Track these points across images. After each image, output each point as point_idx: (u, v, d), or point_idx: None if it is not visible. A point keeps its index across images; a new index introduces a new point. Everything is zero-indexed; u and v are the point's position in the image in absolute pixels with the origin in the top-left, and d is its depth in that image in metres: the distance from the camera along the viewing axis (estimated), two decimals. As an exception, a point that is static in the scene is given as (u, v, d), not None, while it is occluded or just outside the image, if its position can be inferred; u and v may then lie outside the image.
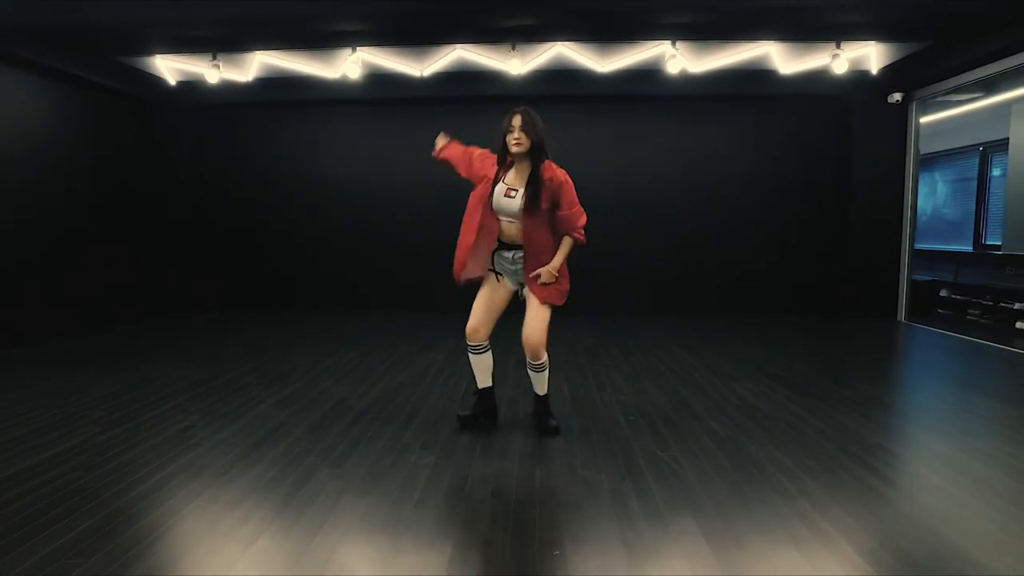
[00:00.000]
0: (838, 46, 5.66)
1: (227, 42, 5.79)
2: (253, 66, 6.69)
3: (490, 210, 3.18)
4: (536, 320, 3.20)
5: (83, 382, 4.36)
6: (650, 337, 6.14)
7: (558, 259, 3.20)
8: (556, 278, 3.20)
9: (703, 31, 5.37)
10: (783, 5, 4.68)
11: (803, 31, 5.41)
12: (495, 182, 3.20)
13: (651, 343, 5.85)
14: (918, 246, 7.58)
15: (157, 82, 7.01)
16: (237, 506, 2.48)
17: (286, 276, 7.91)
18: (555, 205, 3.16)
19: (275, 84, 7.11)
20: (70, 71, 5.99)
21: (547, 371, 3.34)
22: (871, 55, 6.16)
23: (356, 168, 7.70)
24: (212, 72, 6.23)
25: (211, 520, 2.36)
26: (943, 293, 7.99)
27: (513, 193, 3.16)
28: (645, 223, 7.45)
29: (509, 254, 3.26)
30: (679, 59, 5.84)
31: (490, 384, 3.44)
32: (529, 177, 3.14)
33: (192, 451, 3.06)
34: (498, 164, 3.23)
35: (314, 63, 6.68)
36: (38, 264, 6.03)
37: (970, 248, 8.28)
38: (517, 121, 3.11)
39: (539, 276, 3.19)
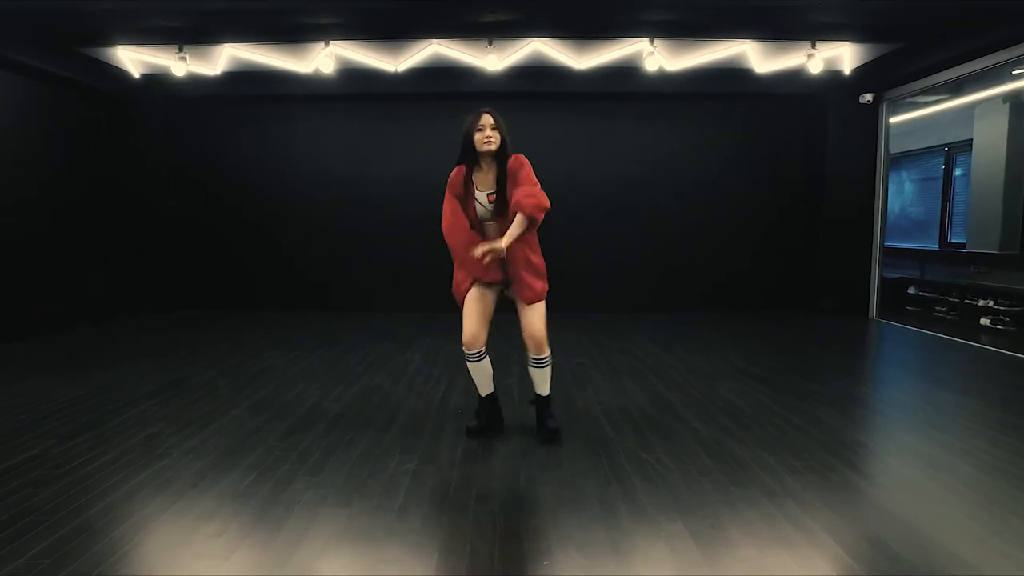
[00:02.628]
0: (813, 46, 5.72)
1: (194, 34, 5.58)
2: (222, 59, 6.49)
3: (476, 216, 3.13)
4: (535, 314, 3.15)
5: (46, 387, 4.15)
6: (626, 334, 6.13)
7: (506, 239, 2.94)
8: (502, 255, 2.97)
9: (681, 29, 5.37)
10: (760, 4, 4.70)
11: (780, 30, 5.44)
12: (468, 189, 3.11)
13: (628, 341, 5.83)
14: (887, 244, 7.73)
15: (120, 75, 6.75)
16: (210, 519, 2.36)
17: (259, 274, 7.71)
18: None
19: (245, 78, 6.91)
20: (26, 61, 5.72)
21: (551, 367, 3.27)
22: (844, 55, 6.24)
23: (330, 164, 7.55)
24: (178, 65, 6.02)
25: (183, 534, 2.25)
26: (911, 290, 8.17)
27: (494, 196, 3.12)
28: (619, 220, 7.45)
29: None
30: (657, 57, 5.83)
31: (492, 390, 3.33)
32: (498, 177, 3.08)
33: (160, 460, 2.93)
34: (466, 166, 3.10)
35: (286, 57, 6.51)
36: (1, 264, 5.79)
37: (936, 246, 8.48)
38: (487, 120, 3.03)
39: (524, 284, 3.11)
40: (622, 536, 2.24)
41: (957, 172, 8.33)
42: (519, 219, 2.94)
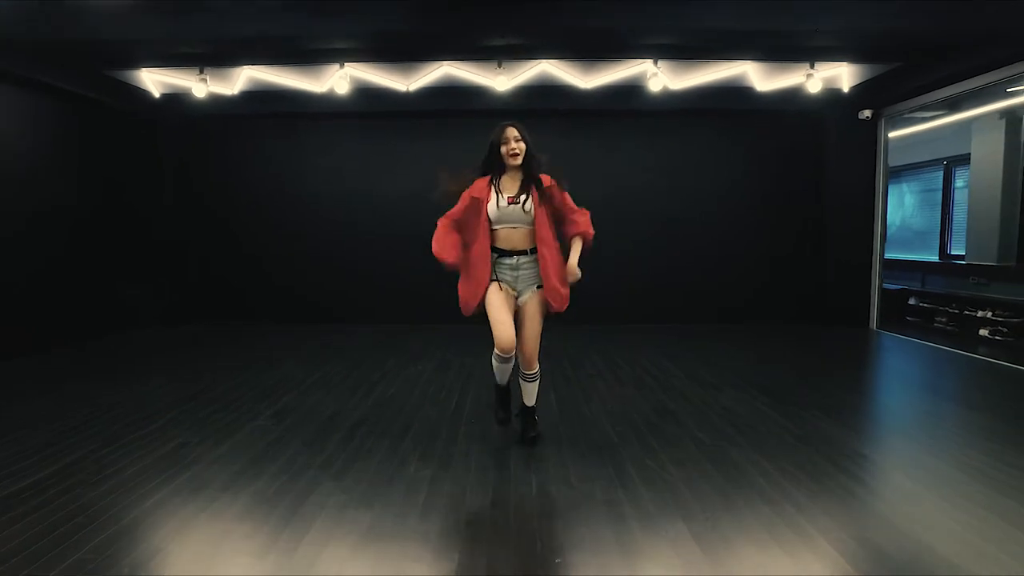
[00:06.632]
0: (812, 66, 5.91)
1: (217, 58, 5.82)
2: (240, 80, 6.72)
3: (489, 222, 3.29)
4: (534, 329, 3.32)
5: (68, 399, 4.33)
6: (632, 347, 6.28)
7: (574, 258, 3.31)
8: (578, 277, 3.32)
9: (683, 52, 5.57)
10: (760, 29, 4.89)
11: (779, 52, 5.64)
12: (490, 193, 3.30)
13: (633, 353, 5.99)
14: (888, 256, 7.87)
15: (141, 95, 6.99)
16: (242, 521, 2.53)
17: (273, 287, 7.90)
18: (558, 214, 3.34)
19: (262, 97, 7.13)
20: (49, 82, 5.96)
21: (538, 381, 3.45)
22: (843, 75, 6.43)
23: (343, 181, 7.74)
24: (199, 86, 6.25)
25: (218, 536, 2.42)
26: (912, 301, 8.29)
27: (517, 200, 3.29)
28: (625, 235, 7.60)
29: (510, 260, 3.33)
30: (660, 78, 6.03)
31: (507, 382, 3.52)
32: (524, 181, 3.31)
33: (190, 468, 3.10)
34: (492, 176, 3.33)
35: (302, 78, 6.74)
36: (25, 278, 6.00)
37: (936, 258, 8.61)
38: (512, 133, 3.27)
39: (556, 290, 3.27)
40: (627, 535, 2.41)
41: (958, 185, 8.47)
42: (580, 244, 3.35)
